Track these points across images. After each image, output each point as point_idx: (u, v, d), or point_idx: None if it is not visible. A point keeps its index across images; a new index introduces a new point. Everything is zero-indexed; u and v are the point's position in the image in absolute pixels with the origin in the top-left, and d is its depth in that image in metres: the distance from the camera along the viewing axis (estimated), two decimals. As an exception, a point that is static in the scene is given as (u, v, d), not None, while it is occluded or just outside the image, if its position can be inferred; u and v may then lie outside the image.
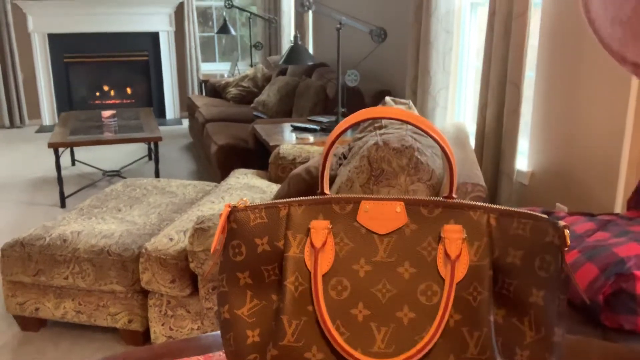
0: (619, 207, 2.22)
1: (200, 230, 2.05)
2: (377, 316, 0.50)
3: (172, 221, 2.56)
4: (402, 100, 2.69)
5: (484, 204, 0.51)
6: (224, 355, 0.67)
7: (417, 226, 0.52)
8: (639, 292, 1.29)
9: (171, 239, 2.21)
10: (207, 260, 2.03)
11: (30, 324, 2.47)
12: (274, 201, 0.54)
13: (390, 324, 0.50)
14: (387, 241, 0.52)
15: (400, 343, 0.49)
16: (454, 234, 0.51)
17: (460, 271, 0.50)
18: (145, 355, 0.70)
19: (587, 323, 1.36)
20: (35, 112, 6.81)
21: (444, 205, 0.52)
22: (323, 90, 4.29)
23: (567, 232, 0.48)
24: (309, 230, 0.53)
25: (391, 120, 2.32)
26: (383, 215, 0.52)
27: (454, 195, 0.53)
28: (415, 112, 2.59)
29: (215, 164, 3.94)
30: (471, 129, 3.25)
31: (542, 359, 0.50)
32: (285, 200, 0.54)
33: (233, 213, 0.55)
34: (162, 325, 2.23)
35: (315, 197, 0.54)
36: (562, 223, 0.48)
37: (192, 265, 2.08)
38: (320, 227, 0.52)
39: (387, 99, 2.69)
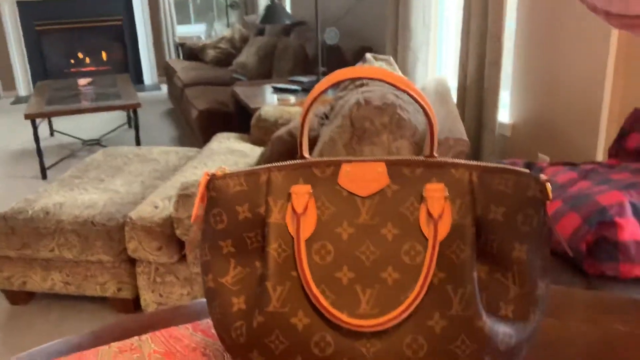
0: (601, 155, 2.24)
1: (185, 197, 2.03)
2: (361, 278, 0.50)
3: (156, 189, 2.55)
4: (383, 57, 2.66)
5: (466, 162, 0.51)
6: (211, 323, 0.67)
7: (398, 187, 0.51)
8: (620, 239, 1.31)
9: (156, 207, 2.19)
10: (193, 227, 2.03)
11: (18, 297, 2.47)
12: (253, 167, 0.53)
13: (375, 286, 0.50)
14: (369, 203, 0.51)
15: (386, 303, 0.49)
16: (436, 192, 0.50)
17: (443, 230, 0.50)
18: (134, 326, 0.70)
19: (570, 271, 1.39)
20: (10, 83, 6.66)
21: (425, 165, 0.51)
22: (302, 50, 4.23)
23: (548, 185, 0.48)
24: (289, 195, 0.52)
25: (372, 78, 2.29)
26: (364, 177, 0.51)
27: (435, 154, 0.52)
28: (396, 67, 2.56)
29: (197, 129, 3.90)
30: (453, 83, 3.24)
31: (527, 313, 0.50)
32: (264, 166, 0.53)
33: (212, 181, 0.54)
34: (152, 292, 2.24)
35: (295, 161, 0.53)
36: (543, 177, 0.48)
37: (178, 232, 2.08)
38: (301, 192, 0.52)
39: (368, 56, 2.65)
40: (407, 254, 0.50)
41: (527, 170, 0.49)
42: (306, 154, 0.55)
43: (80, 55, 6.92)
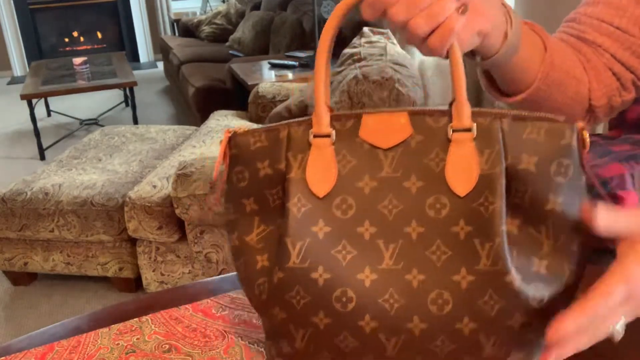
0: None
1: (183, 176, 2.01)
2: (384, 233, 0.48)
3: (154, 168, 2.52)
4: (381, 30, 2.62)
5: (494, 110, 0.49)
6: (211, 303, 0.68)
7: (423, 137, 0.48)
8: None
9: (154, 186, 2.17)
10: (192, 206, 2.00)
11: (21, 278, 2.46)
12: (273, 124, 0.52)
13: (399, 240, 0.48)
14: (391, 155, 0.49)
15: (410, 258, 0.48)
16: None
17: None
18: (133, 308, 0.70)
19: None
20: (5, 64, 6.58)
21: (450, 114, 0.49)
22: (299, 24, 4.18)
23: (585, 132, 0.45)
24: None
25: (370, 52, 2.26)
26: (386, 128, 0.49)
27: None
28: (395, 41, 2.53)
29: (194, 107, 3.86)
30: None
31: (561, 269, 0.48)
32: (284, 122, 0.52)
33: (233, 138, 0.53)
34: (153, 271, 2.22)
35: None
36: (579, 124, 0.46)
37: (177, 211, 2.05)
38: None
39: (365, 29, 2.62)
40: (432, 207, 0.48)
41: (561, 118, 0.46)
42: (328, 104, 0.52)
43: (75, 33, 6.84)
